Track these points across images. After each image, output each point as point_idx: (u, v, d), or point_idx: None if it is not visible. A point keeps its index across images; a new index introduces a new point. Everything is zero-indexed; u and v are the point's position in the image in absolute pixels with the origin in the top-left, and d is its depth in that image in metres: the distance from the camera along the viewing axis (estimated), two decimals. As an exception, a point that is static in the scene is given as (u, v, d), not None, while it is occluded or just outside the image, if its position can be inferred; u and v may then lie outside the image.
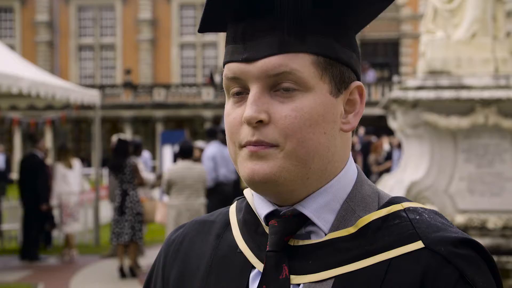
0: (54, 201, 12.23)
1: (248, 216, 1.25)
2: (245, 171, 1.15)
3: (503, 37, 7.92)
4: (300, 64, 1.13)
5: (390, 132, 17.77)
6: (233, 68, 1.16)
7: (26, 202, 12.12)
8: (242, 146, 1.15)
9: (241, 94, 1.17)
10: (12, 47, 38.50)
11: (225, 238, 1.27)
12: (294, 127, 1.12)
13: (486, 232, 7.34)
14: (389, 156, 17.31)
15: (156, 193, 15.91)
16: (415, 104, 7.58)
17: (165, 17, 44.46)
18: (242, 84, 1.16)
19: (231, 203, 1.36)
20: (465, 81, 7.60)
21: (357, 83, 1.20)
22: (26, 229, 12.07)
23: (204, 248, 1.28)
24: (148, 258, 11.84)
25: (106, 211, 15.08)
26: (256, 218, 1.23)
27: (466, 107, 7.52)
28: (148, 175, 11.44)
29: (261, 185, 1.15)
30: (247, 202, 1.27)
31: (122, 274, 10.37)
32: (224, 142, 11.10)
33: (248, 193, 1.28)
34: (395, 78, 39.17)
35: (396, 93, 7.80)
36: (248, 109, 1.13)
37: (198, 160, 12.08)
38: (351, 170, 1.22)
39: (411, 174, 7.80)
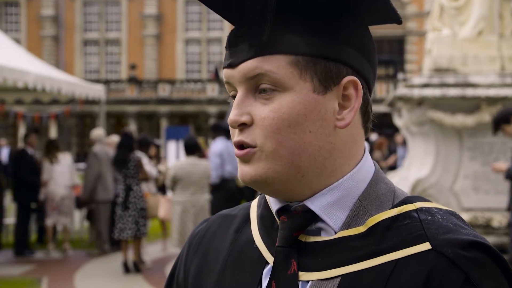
0: (41, 195, 12.23)
1: (265, 211, 1.26)
2: (238, 174, 1.19)
3: (510, 35, 7.90)
4: (275, 65, 1.13)
5: (390, 133, 17.84)
6: (224, 73, 1.20)
7: (17, 196, 12.15)
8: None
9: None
10: (17, 41, 38.56)
11: (244, 232, 1.28)
12: (272, 128, 1.13)
13: (490, 230, 7.34)
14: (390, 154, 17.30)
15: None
16: (421, 102, 7.58)
17: (170, 13, 44.45)
18: (234, 88, 1.20)
19: (235, 199, 1.37)
20: (471, 79, 7.60)
21: (350, 77, 1.16)
22: (18, 223, 12.10)
23: (224, 242, 1.29)
24: (152, 254, 11.85)
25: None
26: (272, 213, 1.24)
27: (471, 105, 7.51)
28: (151, 170, 11.44)
29: (253, 185, 1.18)
30: (265, 197, 1.27)
31: (126, 269, 10.39)
32: (229, 137, 11.11)
33: None
34: (400, 76, 39.13)
35: (401, 90, 7.80)
36: (231, 113, 1.16)
37: (156, 157, 12.11)
38: (365, 167, 1.21)
39: (416, 172, 7.79)
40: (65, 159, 12.41)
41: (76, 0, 45.38)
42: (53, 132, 36.02)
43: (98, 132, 12.72)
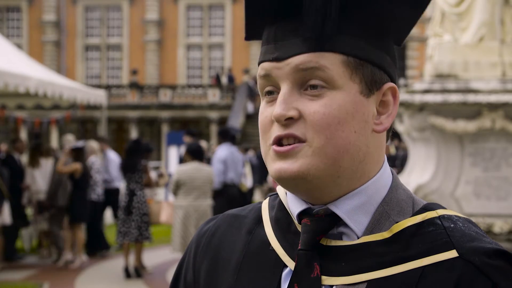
0: (24, 200, 12.19)
1: (280, 214, 1.25)
2: (273, 170, 1.16)
3: (511, 41, 7.91)
4: (329, 62, 1.14)
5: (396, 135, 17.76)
6: (265, 66, 1.19)
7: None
8: (271, 144, 1.16)
9: (273, 94, 1.18)
10: (19, 46, 38.59)
11: (257, 234, 1.27)
12: (322, 123, 1.13)
13: (492, 236, 7.33)
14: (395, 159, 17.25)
15: (161, 193, 15.90)
16: (422, 108, 7.58)
17: (172, 18, 44.49)
18: (274, 83, 1.18)
19: (237, 205, 1.36)
20: (472, 85, 7.60)
21: (390, 84, 1.20)
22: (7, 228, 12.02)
23: (236, 242, 1.29)
24: (153, 259, 11.85)
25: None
26: (288, 216, 1.24)
27: (473, 111, 7.51)
28: (152, 175, 11.46)
29: (290, 182, 1.16)
30: (280, 199, 1.27)
31: (127, 274, 10.39)
32: (234, 143, 11.15)
33: (281, 190, 1.28)
34: (401, 81, 39.16)
35: (403, 96, 7.79)
36: (277, 107, 1.14)
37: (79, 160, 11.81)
38: (386, 173, 1.22)
39: (417, 177, 7.79)
40: (47, 164, 12.30)
41: (78, 5, 45.44)
42: (54, 137, 36.08)
43: (67, 138, 12.69)
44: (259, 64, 1.21)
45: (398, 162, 16.01)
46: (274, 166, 1.16)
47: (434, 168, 7.67)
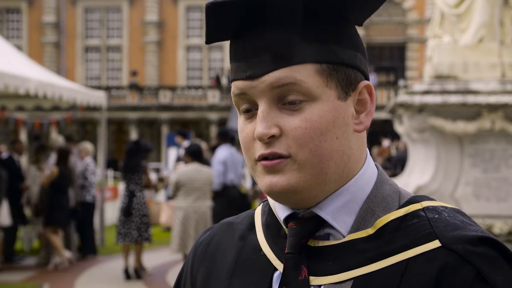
0: (23, 200, 12.17)
1: (270, 219, 1.27)
2: (263, 185, 1.17)
3: (510, 42, 7.91)
4: (304, 74, 1.13)
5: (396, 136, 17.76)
6: (238, 85, 1.18)
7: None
8: (257, 160, 1.16)
9: (251, 111, 1.18)
10: (19, 48, 38.60)
11: (249, 240, 1.29)
12: (305, 138, 1.13)
13: (491, 237, 7.33)
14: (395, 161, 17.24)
15: (161, 195, 15.90)
16: (422, 109, 7.58)
17: (171, 19, 44.51)
18: (250, 100, 1.17)
19: (236, 206, 1.37)
20: (472, 86, 7.60)
21: (365, 82, 1.20)
22: (6, 230, 11.96)
23: (229, 249, 1.30)
24: (153, 260, 11.85)
25: (112, 212, 15.10)
26: (277, 221, 1.25)
27: (472, 112, 7.51)
28: (152, 177, 11.45)
29: (281, 196, 1.17)
30: (270, 205, 1.28)
31: (127, 276, 10.38)
32: (234, 144, 11.14)
33: None
34: (401, 82, 39.14)
35: (402, 97, 7.80)
36: (259, 126, 1.14)
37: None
38: (369, 170, 1.22)
39: (417, 178, 7.79)
40: (49, 165, 12.29)
41: (78, 6, 45.45)
42: (54, 139, 36.05)
43: (57, 139, 12.71)
44: (231, 81, 1.20)
45: (396, 163, 16.01)
46: (264, 180, 1.16)
47: (433, 169, 7.67)
